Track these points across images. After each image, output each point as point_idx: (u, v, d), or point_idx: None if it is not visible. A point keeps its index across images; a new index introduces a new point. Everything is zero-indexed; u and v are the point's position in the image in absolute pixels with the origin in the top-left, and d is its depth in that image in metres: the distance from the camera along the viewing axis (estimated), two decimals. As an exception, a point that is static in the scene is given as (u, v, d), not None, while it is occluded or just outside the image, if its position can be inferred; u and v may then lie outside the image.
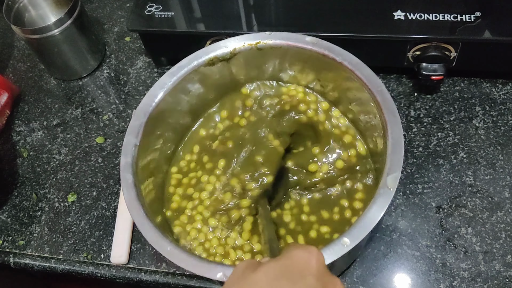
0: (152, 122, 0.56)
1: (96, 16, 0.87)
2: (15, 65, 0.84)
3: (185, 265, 0.46)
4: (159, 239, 0.48)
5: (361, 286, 0.58)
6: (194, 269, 0.46)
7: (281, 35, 0.57)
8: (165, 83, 0.57)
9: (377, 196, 0.47)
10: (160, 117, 0.57)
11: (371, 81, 0.53)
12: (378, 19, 0.65)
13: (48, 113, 0.77)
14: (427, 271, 0.58)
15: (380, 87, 0.52)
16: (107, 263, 0.63)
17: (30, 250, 0.65)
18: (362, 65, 0.54)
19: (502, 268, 0.57)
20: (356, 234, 0.45)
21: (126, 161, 0.53)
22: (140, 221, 0.49)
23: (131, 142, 0.54)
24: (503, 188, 0.62)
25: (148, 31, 0.71)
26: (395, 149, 0.49)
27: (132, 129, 0.55)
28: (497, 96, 0.69)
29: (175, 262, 0.46)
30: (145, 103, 0.56)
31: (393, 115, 0.50)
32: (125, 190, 0.51)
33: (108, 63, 0.81)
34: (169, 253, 0.47)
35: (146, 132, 0.55)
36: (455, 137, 0.66)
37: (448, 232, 0.60)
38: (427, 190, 0.63)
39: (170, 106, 0.58)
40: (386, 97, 0.51)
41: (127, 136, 0.54)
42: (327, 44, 0.56)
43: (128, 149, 0.54)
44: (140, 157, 0.54)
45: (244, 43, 0.58)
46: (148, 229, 0.49)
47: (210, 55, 0.58)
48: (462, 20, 0.63)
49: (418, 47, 0.65)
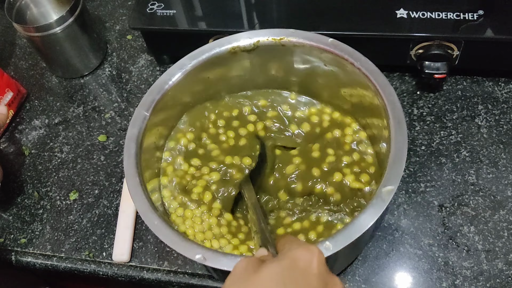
0: (164, 100, 0.57)
1: (98, 14, 0.87)
2: (17, 63, 0.84)
3: (168, 241, 0.47)
4: (148, 211, 0.49)
5: (363, 285, 0.58)
6: (175, 246, 0.46)
7: (305, 34, 0.57)
8: (184, 64, 0.57)
9: (369, 205, 0.46)
10: (173, 96, 0.58)
11: (384, 89, 0.52)
12: (381, 17, 0.65)
13: (50, 111, 0.77)
14: (429, 269, 0.58)
15: (392, 96, 0.51)
16: (109, 261, 0.63)
17: (32, 248, 0.65)
18: (378, 72, 0.53)
19: (504, 266, 0.57)
20: (340, 240, 0.44)
21: (132, 132, 0.54)
22: (134, 190, 0.50)
23: (141, 114, 0.55)
24: (505, 187, 0.62)
25: (150, 29, 0.71)
26: (396, 161, 0.48)
27: (144, 103, 0.56)
28: (500, 94, 0.69)
29: (159, 236, 0.47)
30: (162, 80, 0.57)
31: (399, 125, 0.49)
32: (126, 158, 0.52)
33: (110, 61, 0.81)
34: (155, 227, 0.47)
35: (157, 108, 0.56)
36: (457, 136, 0.66)
37: (451, 230, 0.60)
38: (430, 189, 0.63)
39: (185, 88, 0.59)
40: (396, 105, 0.50)
41: (138, 109, 0.55)
42: (347, 47, 0.55)
43: (137, 121, 0.55)
44: (147, 131, 0.55)
45: (268, 37, 0.58)
46: (140, 199, 0.50)
47: (232, 44, 0.58)
48: (465, 19, 0.63)
49: (421, 46, 0.65)
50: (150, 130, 0.56)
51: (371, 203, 0.46)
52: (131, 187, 0.50)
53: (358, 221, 0.45)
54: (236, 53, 0.58)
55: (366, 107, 0.56)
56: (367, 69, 0.54)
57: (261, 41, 0.58)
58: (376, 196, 0.46)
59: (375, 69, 0.53)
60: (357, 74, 0.54)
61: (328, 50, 0.56)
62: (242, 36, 0.58)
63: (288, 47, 0.58)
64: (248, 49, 0.58)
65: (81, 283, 0.79)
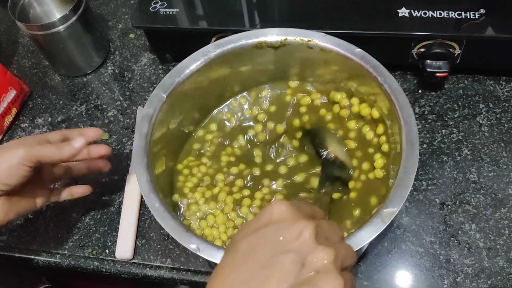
0: (183, 85, 0.57)
1: (101, 13, 0.87)
2: (20, 61, 0.85)
3: (165, 225, 0.47)
4: (151, 193, 0.49)
5: (365, 282, 0.58)
6: (172, 232, 0.47)
7: (334, 40, 0.57)
8: (209, 51, 0.58)
9: (368, 224, 0.46)
10: (192, 83, 0.58)
11: (403, 110, 0.52)
12: (382, 16, 0.65)
13: (53, 109, 0.78)
14: (431, 267, 0.58)
15: (410, 118, 0.51)
16: (112, 259, 0.63)
17: (36, 246, 0.65)
18: (400, 91, 0.53)
19: (505, 264, 0.57)
20: None
21: (147, 112, 0.54)
22: (140, 171, 0.51)
23: (158, 95, 0.56)
24: (506, 185, 0.62)
25: (152, 28, 0.71)
26: (403, 183, 0.47)
27: (163, 85, 0.56)
28: (501, 93, 0.69)
29: (158, 219, 0.48)
30: (183, 65, 0.57)
31: (412, 148, 0.49)
32: (137, 138, 0.53)
33: (113, 59, 0.81)
34: (156, 209, 0.48)
35: (175, 92, 0.56)
36: (459, 134, 0.66)
37: (452, 228, 0.60)
38: (431, 187, 0.63)
39: (206, 76, 0.59)
40: (412, 129, 0.50)
41: (156, 90, 0.56)
42: (373, 60, 0.55)
43: (153, 101, 0.55)
44: (161, 112, 0.55)
45: (296, 37, 0.58)
46: (144, 180, 0.50)
47: (260, 38, 0.58)
48: (467, 18, 0.63)
49: (423, 44, 0.65)
50: (166, 113, 0.56)
51: (370, 222, 0.46)
52: (137, 167, 0.51)
53: (355, 238, 0.45)
54: (262, 48, 0.59)
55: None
56: (390, 86, 0.53)
57: (288, 40, 0.58)
58: (376, 215, 0.46)
59: (397, 87, 0.53)
60: (378, 90, 0.54)
61: (353, 59, 0.56)
62: (271, 32, 0.58)
63: (314, 50, 0.58)
64: (275, 45, 0.59)
65: (83, 281, 0.79)
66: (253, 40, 0.59)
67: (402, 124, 0.51)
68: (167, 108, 0.56)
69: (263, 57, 0.60)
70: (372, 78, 0.55)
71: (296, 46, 0.59)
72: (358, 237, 0.45)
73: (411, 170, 0.48)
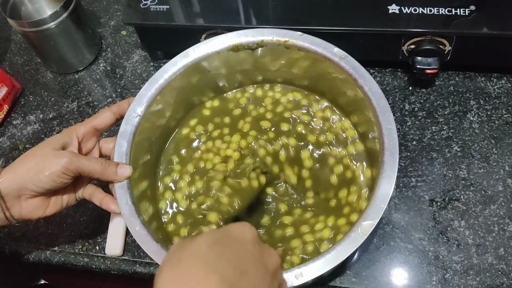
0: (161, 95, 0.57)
1: (93, 10, 0.87)
2: (12, 58, 0.85)
3: (147, 248, 0.47)
4: (132, 216, 0.49)
5: (354, 278, 0.58)
6: (154, 256, 0.47)
7: (311, 39, 0.56)
8: (184, 57, 0.58)
9: (347, 237, 0.45)
10: (171, 91, 0.58)
11: (384, 115, 0.51)
12: (373, 12, 0.65)
13: (45, 106, 0.78)
14: (419, 263, 0.58)
15: (390, 124, 0.50)
16: (102, 255, 0.63)
17: (26, 242, 0.65)
18: (381, 95, 0.52)
19: (494, 261, 0.57)
20: (313, 269, 0.44)
21: (125, 129, 0.54)
22: (120, 193, 0.51)
23: (135, 111, 0.55)
24: (496, 182, 0.62)
25: (143, 25, 0.71)
26: (381, 194, 0.47)
27: (140, 98, 0.56)
28: (492, 90, 0.69)
29: (139, 243, 0.48)
30: (159, 75, 0.57)
31: (392, 157, 0.49)
32: (116, 157, 0.53)
33: (104, 56, 0.81)
34: (137, 233, 0.48)
35: (153, 103, 0.56)
36: (449, 131, 0.66)
37: (441, 225, 0.60)
38: (421, 184, 0.63)
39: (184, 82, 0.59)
40: (393, 137, 0.50)
41: (132, 105, 0.55)
42: (353, 62, 0.54)
43: (130, 117, 0.55)
44: (139, 128, 0.55)
45: (273, 38, 0.57)
46: (124, 203, 0.50)
47: (234, 42, 0.58)
48: (457, 14, 0.63)
49: (413, 41, 0.65)
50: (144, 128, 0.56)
51: (349, 235, 0.45)
52: (117, 189, 0.52)
53: (334, 251, 0.45)
54: (239, 50, 0.59)
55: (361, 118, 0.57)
56: (370, 89, 0.53)
57: (265, 41, 0.58)
58: (355, 229, 0.45)
59: (378, 91, 0.52)
60: (359, 93, 0.54)
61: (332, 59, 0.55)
62: (246, 34, 0.58)
63: (292, 50, 0.58)
64: (252, 47, 0.59)
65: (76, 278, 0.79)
66: (228, 44, 0.58)
67: (383, 132, 0.50)
68: (144, 124, 0.56)
69: (242, 59, 0.60)
70: (351, 80, 0.54)
71: (273, 47, 0.58)
72: (337, 252, 0.45)
73: (390, 180, 0.47)
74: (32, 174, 0.49)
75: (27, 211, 0.51)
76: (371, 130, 0.53)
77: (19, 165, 0.50)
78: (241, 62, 0.60)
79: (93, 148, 0.56)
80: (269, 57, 0.60)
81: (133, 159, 0.54)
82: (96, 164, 0.51)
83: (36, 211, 0.52)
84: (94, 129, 0.55)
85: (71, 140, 0.53)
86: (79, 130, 0.54)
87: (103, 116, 0.55)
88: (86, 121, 0.55)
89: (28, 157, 0.50)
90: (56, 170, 0.49)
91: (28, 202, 0.51)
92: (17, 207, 0.51)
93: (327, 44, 0.56)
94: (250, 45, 0.58)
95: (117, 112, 0.55)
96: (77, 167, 0.50)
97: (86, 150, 0.56)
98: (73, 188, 0.55)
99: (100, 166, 0.51)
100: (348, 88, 0.55)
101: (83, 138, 0.55)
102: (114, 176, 0.51)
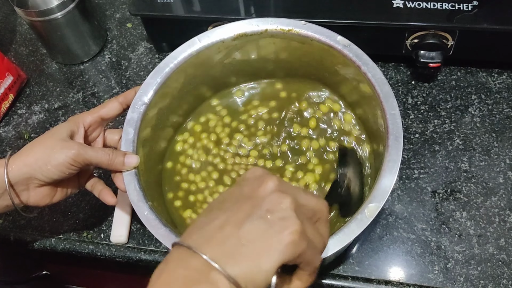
0: (166, 84, 0.57)
1: (99, 2, 0.88)
2: (17, 49, 0.85)
3: (155, 233, 0.48)
4: (140, 202, 0.50)
5: (357, 267, 0.59)
6: (163, 239, 0.47)
7: (315, 28, 0.56)
8: (188, 47, 0.58)
9: (353, 220, 0.45)
10: (175, 81, 0.58)
11: (388, 101, 0.51)
12: (377, 6, 0.66)
13: (50, 96, 0.78)
14: (422, 253, 0.59)
15: (394, 110, 0.51)
16: (107, 243, 0.63)
17: (31, 230, 0.66)
18: (384, 81, 0.52)
19: (495, 251, 0.58)
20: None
21: (132, 117, 0.54)
22: (128, 179, 0.51)
23: (141, 99, 0.55)
24: (497, 174, 0.63)
25: (150, 16, 0.72)
26: (386, 178, 0.47)
27: (146, 87, 0.56)
28: (493, 85, 0.70)
29: (148, 227, 0.48)
30: (166, 63, 0.57)
31: (396, 141, 0.49)
32: (123, 144, 0.53)
33: (110, 48, 0.82)
34: (146, 218, 0.49)
35: (159, 93, 0.56)
36: (451, 124, 0.67)
37: (443, 216, 0.61)
38: (423, 175, 0.64)
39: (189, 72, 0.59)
40: (397, 121, 0.50)
41: (139, 93, 0.56)
42: (357, 49, 0.55)
43: (136, 105, 0.55)
44: (145, 116, 0.55)
45: (277, 27, 0.58)
46: (132, 188, 0.51)
47: (239, 32, 0.58)
48: (460, 9, 0.64)
49: (416, 35, 0.66)
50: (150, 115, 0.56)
51: (355, 218, 0.46)
52: (125, 175, 0.52)
53: (341, 233, 0.45)
54: (243, 40, 0.59)
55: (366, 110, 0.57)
56: (374, 76, 0.53)
57: (269, 30, 0.58)
58: (361, 211, 0.46)
59: (381, 77, 0.53)
60: (362, 79, 0.54)
61: (335, 48, 0.55)
62: (250, 23, 0.58)
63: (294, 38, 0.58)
64: (256, 37, 0.59)
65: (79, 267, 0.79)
66: (233, 33, 0.58)
67: (387, 117, 0.50)
68: (151, 112, 0.56)
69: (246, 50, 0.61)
70: (355, 66, 0.54)
71: (277, 36, 0.58)
72: (343, 233, 0.45)
73: (394, 165, 0.48)
74: (41, 164, 0.49)
75: (35, 199, 0.52)
76: (374, 117, 0.54)
77: (27, 154, 0.50)
78: (246, 52, 0.61)
79: (98, 138, 0.57)
80: (272, 48, 0.61)
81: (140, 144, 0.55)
82: (103, 155, 0.51)
83: (44, 199, 0.52)
84: (100, 118, 0.55)
85: (78, 129, 0.54)
86: (86, 119, 0.54)
87: (110, 106, 0.55)
88: (92, 110, 0.55)
89: (36, 147, 0.50)
90: (64, 161, 0.49)
91: (36, 190, 0.51)
92: (25, 195, 0.51)
93: (330, 32, 0.56)
94: (254, 34, 0.59)
95: (123, 102, 0.56)
96: (85, 159, 0.50)
97: (91, 140, 0.56)
98: (77, 177, 0.55)
99: (108, 158, 0.51)
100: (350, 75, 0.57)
101: (89, 127, 0.55)
102: (122, 166, 0.52)
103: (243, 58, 0.62)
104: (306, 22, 0.57)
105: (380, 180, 0.47)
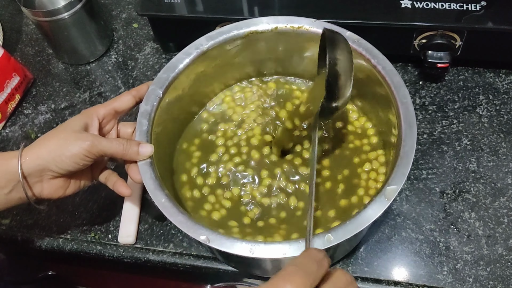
0: (179, 79, 0.58)
1: (105, 3, 0.88)
2: (23, 49, 0.85)
3: (174, 220, 0.48)
4: (156, 190, 0.50)
5: (366, 268, 0.59)
6: (181, 225, 0.47)
7: (324, 25, 0.57)
8: (201, 44, 0.59)
9: (373, 202, 0.47)
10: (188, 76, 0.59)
11: (399, 90, 0.52)
12: (385, 6, 0.66)
13: (56, 96, 0.78)
14: (430, 254, 0.59)
15: (406, 98, 0.52)
16: (115, 243, 0.63)
17: (38, 230, 0.66)
18: (394, 72, 0.53)
19: (504, 252, 0.58)
20: (341, 233, 0.45)
21: (145, 109, 0.55)
22: (143, 168, 0.51)
23: (154, 92, 0.56)
24: (505, 175, 0.63)
25: (157, 16, 0.72)
26: (404, 162, 0.48)
27: (159, 80, 0.56)
28: (500, 85, 0.70)
29: (166, 215, 0.48)
30: (178, 59, 0.58)
31: (410, 129, 0.50)
32: (137, 135, 0.53)
33: (116, 48, 0.82)
34: (163, 205, 0.49)
35: (172, 87, 0.57)
36: (459, 125, 0.67)
37: (452, 216, 0.61)
38: (432, 176, 0.64)
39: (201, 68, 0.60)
40: (409, 109, 0.51)
41: (152, 86, 0.56)
42: (366, 44, 0.56)
43: (150, 98, 0.55)
44: (159, 108, 0.56)
45: (287, 25, 0.58)
46: (148, 177, 0.51)
47: (250, 29, 0.59)
48: (468, 9, 0.64)
49: (424, 35, 0.66)
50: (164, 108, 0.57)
51: (375, 200, 0.47)
52: (140, 165, 0.52)
53: (360, 217, 0.46)
54: (253, 37, 0.59)
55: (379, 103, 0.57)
56: (384, 68, 0.54)
57: (279, 28, 0.59)
58: (380, 193, 0.47)
59: (391, 69, 0.54)
60: (373, 72, 0.55)
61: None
62: (261, 21, 0.59)
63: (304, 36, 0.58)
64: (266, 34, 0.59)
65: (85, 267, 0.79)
66: (244, 30, 0.59)
67: (399, 105, 0.51)
68: (164, 104, 0.57)
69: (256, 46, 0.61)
70: (365, 60, 0.55)
71: (287, 33, 0.59)
72: (363, 216, 0.46)
73: (410, 149, 0.49)
74: (54, 156, 0.49)
75: (48, 191, 0.52)
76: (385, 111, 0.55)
77: (41, 146, 0.50)
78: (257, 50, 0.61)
79: (112, 130, 0.57)
80: (282, 46, 0.61)
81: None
82: (117, 145, 0.51)
83: (58, 191, 0.52)
84: (114, 111, 0.55)
85: (92, 121, 0.53)
86: (100, 111, 0.54)
87: (123, 99, 0.55)
88: (106, 103, 0.55)
89: (50, 139, 0.50)
90: (79, 152, 0.49)
91: (50, 182, 0.51)
92: (38, 187, 0.51)
93: (340, 28, 0.57)
94: (265, 32, 0.59)
95: (136, 95, 0.56)
96: (99, 150, 0.50)
97: (105, 132, 0.56)
98: (90, 170, 0.55)
99: (122, 147, 0.51)
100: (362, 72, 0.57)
101: (103, 119, 0.55)
102: (136, 155, 0.52)
103: (253, 54, 0.62)
104: (316, 20, 0.58)
105: (397, 164, 0.48)
